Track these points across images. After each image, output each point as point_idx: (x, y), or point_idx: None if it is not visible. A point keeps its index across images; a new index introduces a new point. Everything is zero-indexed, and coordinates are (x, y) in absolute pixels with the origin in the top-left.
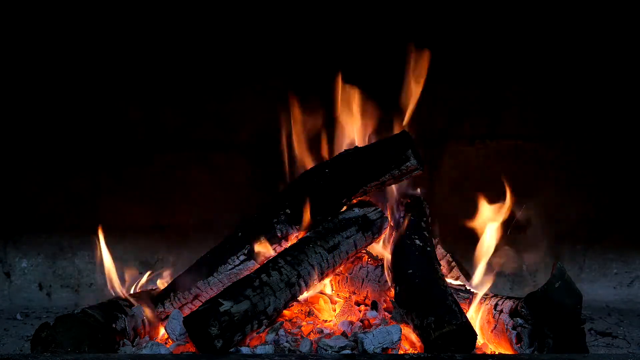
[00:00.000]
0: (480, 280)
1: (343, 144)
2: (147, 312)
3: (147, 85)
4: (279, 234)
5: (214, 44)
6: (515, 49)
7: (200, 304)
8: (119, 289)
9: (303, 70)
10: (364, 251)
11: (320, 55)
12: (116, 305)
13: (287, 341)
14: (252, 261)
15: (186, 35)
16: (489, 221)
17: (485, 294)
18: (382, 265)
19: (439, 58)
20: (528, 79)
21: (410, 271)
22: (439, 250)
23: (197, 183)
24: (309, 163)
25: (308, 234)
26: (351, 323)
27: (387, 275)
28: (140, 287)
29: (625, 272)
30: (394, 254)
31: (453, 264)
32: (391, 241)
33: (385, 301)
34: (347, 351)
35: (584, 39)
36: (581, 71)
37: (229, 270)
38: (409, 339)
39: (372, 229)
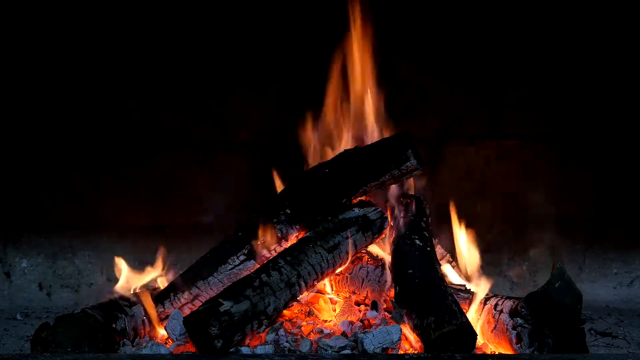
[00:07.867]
0: (478, 280)
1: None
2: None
3: (147, 85)
4: (279, 234)
5: (214, 44)
6: (516, 49)
7: (200, 304)
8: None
9: (303, 71)
10: (364, 251)
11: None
12: (116, 305)
13: (287, 341)
14: (252, 261)
15: (187, 36)
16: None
17: (485, 294)
18: (382, 265)
19: (440, 58)
20: (528, 79)
21: (410, 271)
22: (439, 250)
23: (197, 183)
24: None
25: (308, 234)
26: (351, 323)
27: (387, 275)
28: (141, 287)
29: (625, 272)
30: (394, 254)
31: (453, 263)
32: (391, 241)
33: (385, 301)
34: (347, 351)
35: (584, 39)
36: (582, 72)
37: (229, 270)
38: (409, 339)
39: (372, 229)
